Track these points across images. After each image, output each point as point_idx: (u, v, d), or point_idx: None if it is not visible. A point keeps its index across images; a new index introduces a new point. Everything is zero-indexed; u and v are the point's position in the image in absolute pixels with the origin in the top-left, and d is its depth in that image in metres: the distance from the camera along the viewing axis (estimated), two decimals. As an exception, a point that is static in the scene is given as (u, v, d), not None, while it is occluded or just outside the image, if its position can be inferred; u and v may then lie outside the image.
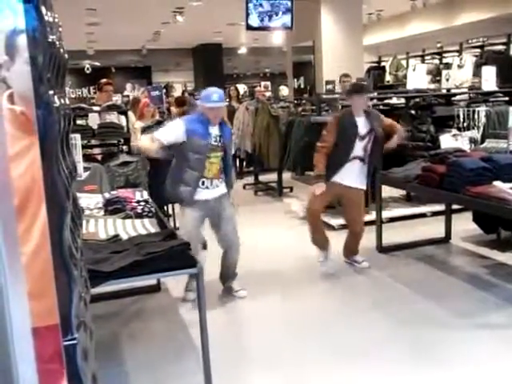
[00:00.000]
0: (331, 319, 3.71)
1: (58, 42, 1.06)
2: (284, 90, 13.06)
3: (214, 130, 3.84)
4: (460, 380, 2.88)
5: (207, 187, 3.85)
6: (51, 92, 0.99)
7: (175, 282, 4.22)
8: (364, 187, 4.54)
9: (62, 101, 1.10)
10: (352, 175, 4.42)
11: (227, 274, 4.17)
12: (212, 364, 2.71)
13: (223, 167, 3.95)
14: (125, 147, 5.46)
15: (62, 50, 1.12)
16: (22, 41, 0.97)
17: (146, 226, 3.24)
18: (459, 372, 2.94)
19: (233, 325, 3.77)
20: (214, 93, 3.81)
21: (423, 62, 10.87)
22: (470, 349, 3.18)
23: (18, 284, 0.83)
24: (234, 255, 4.06)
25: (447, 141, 5.66)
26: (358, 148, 4.38)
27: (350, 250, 4.73)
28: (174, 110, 8.57)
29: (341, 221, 5.71)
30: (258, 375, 3.03)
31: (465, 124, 5.79)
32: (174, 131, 3.77)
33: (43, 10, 0.91)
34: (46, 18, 0.94)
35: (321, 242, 4.67)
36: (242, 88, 12.52)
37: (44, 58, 0.94)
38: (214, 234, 4.08)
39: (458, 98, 7.03)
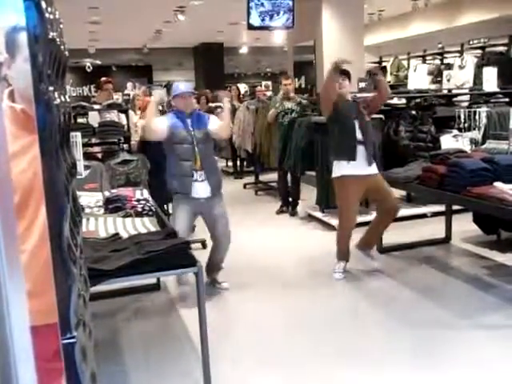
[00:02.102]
0: (331, 319, 3.71)
1: (58, 39, 1.05)
2: (285, 90, 13.00)
3: (191, 123, 4.02)
4: (461, 380, 2.87)
5: (197, 179, 3.95)
6: (51, 90, 0.98)
7: (175, 281, 4.22)
8: (376, 171, 4.41)
9: (63, 98, 1.10)
10: (360, 162, 4.29)
11: (213, 267, 4.26)
12: (211, 363, 2.71)
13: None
14: (125, 145, 5.46)
15: (62, 48, 1.12)
16: (23, 38, 0.97)
17: (146, 225, 3.24)
18: (460, 372, 2.93)
19: (233, 324, 3.76)
20: (181, 84, 4.32)
21: (424, 62, 10.87)
22: (471, 349, 3.18)
23: (17, 282, 0.82)
24: (222, 252, 4.19)
25: (448, 141, 5.65)
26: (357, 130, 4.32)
27: (372, 239, 4.62)
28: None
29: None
30: (257, 374, 3.02)
31: (466, 125, 5.78)
32: (160, 122, 4.02)
33: (44, 6, 0.91)
34: (47, 14, 0.93)
35: (345, 255, 4.55)
36: (243, 87, 12.51)
37: (44, 56, 0.93)
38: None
39: (458, 98, 7.02)
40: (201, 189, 3.96)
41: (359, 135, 4.30)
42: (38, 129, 0.95)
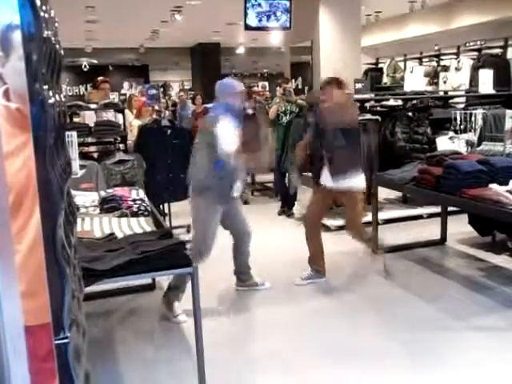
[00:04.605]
0: (328, 320, 3.71)
1: (53, 38, 1.05)
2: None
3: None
4: (457, 381, 2.88)
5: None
6: (46, 88, 0.98)
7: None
8: (340, 186, 4.15)
9: (58, 97, 1.10)
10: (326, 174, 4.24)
11: (247, 267, 4.22)
12: (206, 364, 2.71)
13: None
14: (121, 145, 5.44)
15: (57, 46, 1.11)
16: (17, 36, 0.96)
17: (142, 225, 3.23)
18: (456, 373, 2.94)
19: (228, 324, 3.76)
20: (234, 80, 4.11)
21: (421, 64, 10.87)
22: (466, 350, 3.19)
23: (10, 282, 0.82)
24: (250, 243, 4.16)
25: (444, 143, 5.67)
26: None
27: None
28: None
29: (338, 222, 5.70)
30: (252, 375, 3.02)
31: (461, 126, 5.79)
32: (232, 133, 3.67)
33: (38, 4, 0.90)
34: (42, 13, 0.93)
35: (317, 261, 4.45)
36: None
37: (39, 55, 0.93)
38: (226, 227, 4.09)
39: (455, 100, 7.03)
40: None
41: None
42: (32, 128, 0.95)
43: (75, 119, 5.71)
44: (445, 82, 9.20)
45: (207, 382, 2.72)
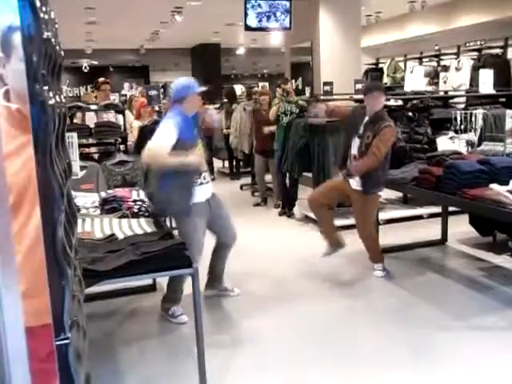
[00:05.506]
0: (328, 320, 3.71)
1: (53, 39, 1.05)
2: (282, 91, 12.99)
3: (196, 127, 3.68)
4: (458, 380, 2.88)
5: (202, 183, 3.65)
6: (46, 89, 0.98)
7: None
8: (361, 188, 4.32)
9: (58, 98, 1.10)
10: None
11: (222, 272, 4.13)
12: (207, 364, 2.71)
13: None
14: (122, 146, 5.45)
15: (57, 48, 1.11)
16: (18, 38, 0.97)
17: (142, 226, 3.24)
18: (456, 373, 2.94)
19: (229, 326, 3.76)
20: (192, 80, 3.70)
21: (421, 64, 10.89)
22: (467, 350, 3.19)
23: (11, 282, 0.82)
24: (228, 254, 4.05)
25: (444, 143, 5.65)
26: (355, 145, 4.34)
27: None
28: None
29: (342, 222, 5.69)
30: (253, 376, 3.02)
31: (462, 126, 5.79)
32: (170, 137, 3.41)
33: (38, 6, 0.90)
34: (42, 14, 0.93)
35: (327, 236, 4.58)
36: (240, 89, 12.51)
37: (39, 56, 0.93)
38: (213, 233, 3.97)
39: (455, 100, 7.03)
40: (208, 191, 3.75)
41: (355, 150, 4.34)
42: (32, 128, 0.95)
43: (74, 120, 5.71)
44: (445, 82, 9.20)
45: (208, 382, 2.72)
